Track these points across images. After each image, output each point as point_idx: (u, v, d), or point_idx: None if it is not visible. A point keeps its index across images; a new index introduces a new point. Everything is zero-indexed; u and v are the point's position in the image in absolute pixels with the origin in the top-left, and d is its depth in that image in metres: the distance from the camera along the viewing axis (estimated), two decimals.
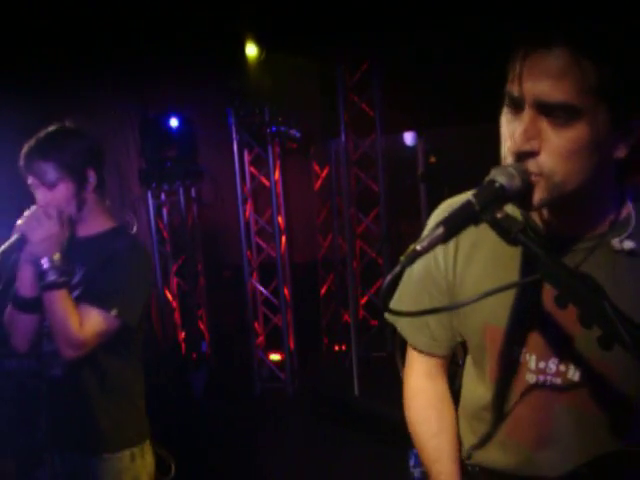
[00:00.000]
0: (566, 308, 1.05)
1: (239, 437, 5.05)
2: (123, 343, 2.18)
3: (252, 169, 6.06)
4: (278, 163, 5.92)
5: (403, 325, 1.55)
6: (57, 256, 2.02)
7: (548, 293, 1.26)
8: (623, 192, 1.27)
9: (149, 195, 6.05)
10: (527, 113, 1.13)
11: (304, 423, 5.20)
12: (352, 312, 5.55)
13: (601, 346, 1.01)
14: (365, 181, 5.92)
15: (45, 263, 2.01)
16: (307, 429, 5.09)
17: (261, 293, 6.19)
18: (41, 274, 2.02)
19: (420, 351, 1.54)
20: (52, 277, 2.01)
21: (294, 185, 6.31)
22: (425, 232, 1.45)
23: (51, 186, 2.08)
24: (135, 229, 2.32)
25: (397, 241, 5.85)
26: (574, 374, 1.29)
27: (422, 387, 1.56)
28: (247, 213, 6.06)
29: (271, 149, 5.76)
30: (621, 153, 1.16)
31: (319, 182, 6.34)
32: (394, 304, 1.51)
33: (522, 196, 1.13)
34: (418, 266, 1.46)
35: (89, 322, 2.03)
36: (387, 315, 1.42)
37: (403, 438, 1.60)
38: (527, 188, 1.13)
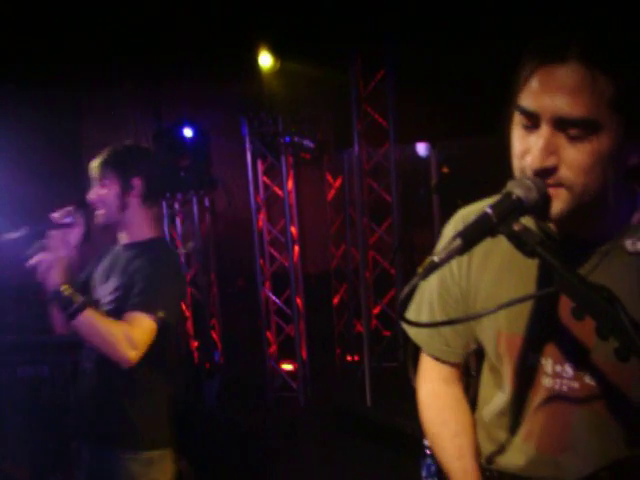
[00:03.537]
0: (583, 319, 1.05)
1: (251, 446, 5.04)
2: (157, 344, 2.22)
3: (265, 179, 6.09)
4: (291, 173, 5.94)
5: (417, 333, 1.54)
6: (65, 287, 2.10)
7: (565, 304, 1.26)
8: (635, 195, 1.28)
9: (163, 205, 6.08)
10: (545, 129, 1.12)
11: (316, 433, 5.20)
12: (365, 322, 5.54)
13: (618, 357, 1.01)
14: (378, 191, 5.91)
15: (57, 298, 2.10)
16: (319, 439, 5.08)
17: (274, 303, 6.19)
18: (61, 308, 2.12)
19: (434, 358, 1.54)
20: (68, 308, 2.08)
21: (307, 195, 6.32)
22: (441, 242, 1.46)
23: (102, 185, 2.35)
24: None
25: (410, 251, 5.84)
26: (591, 380, 1.29)
27: (439, 391, 1.55)
28: (260, 223, 6.08)
29: (284, 159, 5.78)
30: (634, 160, 1.17)
31: (332, 192, 6.35)
32: (410, 314, 1.52)
33: (539, 208, 1.13)
34: (433, 275, 1.47)
35: (140, 326, 2.13)
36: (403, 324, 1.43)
37: (415, 448, 1.60)
38: (544, 200, 1.13)
